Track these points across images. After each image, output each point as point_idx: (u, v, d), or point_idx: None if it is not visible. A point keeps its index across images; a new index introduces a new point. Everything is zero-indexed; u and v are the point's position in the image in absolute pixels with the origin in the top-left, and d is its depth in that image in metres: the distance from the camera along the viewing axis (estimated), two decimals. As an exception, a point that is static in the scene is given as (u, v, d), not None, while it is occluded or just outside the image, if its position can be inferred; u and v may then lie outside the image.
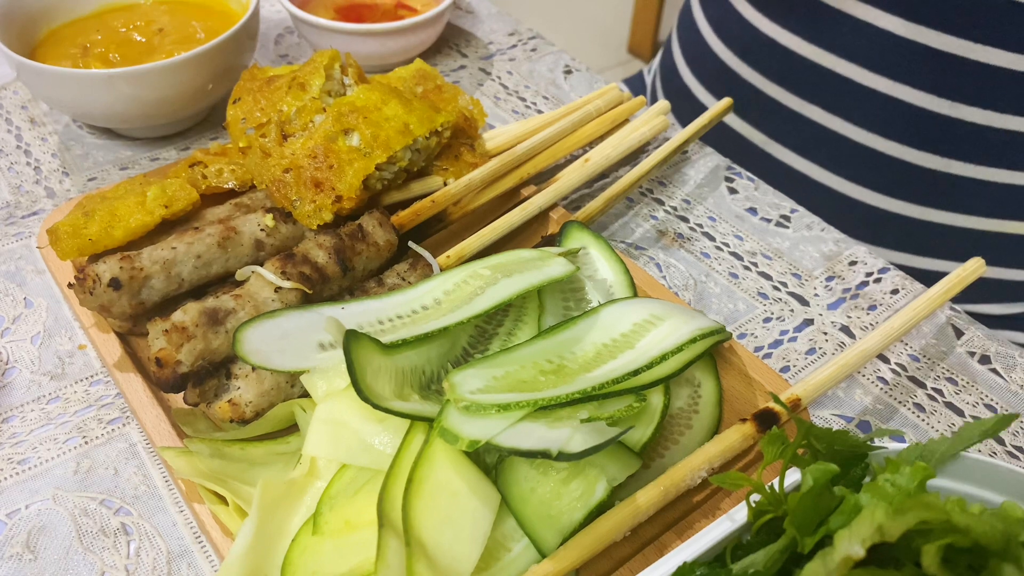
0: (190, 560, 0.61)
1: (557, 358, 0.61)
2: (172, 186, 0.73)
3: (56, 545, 0.62)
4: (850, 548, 0.38)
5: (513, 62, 1.14)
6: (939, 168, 0.98)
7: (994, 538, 0.38)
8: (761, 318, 0.81)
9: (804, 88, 1.04)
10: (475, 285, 0.67)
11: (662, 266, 0.86)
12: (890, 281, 0.84)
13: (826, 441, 0.48)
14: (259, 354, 0.60)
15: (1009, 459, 0.70)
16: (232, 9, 1.00)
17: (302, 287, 0.66)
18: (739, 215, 0.92)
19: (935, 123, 0.96)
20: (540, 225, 0.83)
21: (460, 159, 0.82)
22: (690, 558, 0.47)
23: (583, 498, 0.55)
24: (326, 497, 0.55)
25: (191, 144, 0.98)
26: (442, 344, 0.63)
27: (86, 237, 0.68)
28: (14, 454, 0.67)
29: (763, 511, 0.47)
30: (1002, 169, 0.97)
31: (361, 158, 0.73)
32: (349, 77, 0.80)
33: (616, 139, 0.91)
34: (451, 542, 0.52)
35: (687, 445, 0.63)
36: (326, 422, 0.57)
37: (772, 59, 1.06)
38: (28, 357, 0.74)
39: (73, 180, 0.93)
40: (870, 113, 0.99)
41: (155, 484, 0.66)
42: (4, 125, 1.00)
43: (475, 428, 0.52)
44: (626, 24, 3.11)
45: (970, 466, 0.48)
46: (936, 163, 0.98)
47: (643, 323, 0.65)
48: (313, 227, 0.72)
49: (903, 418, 0.73)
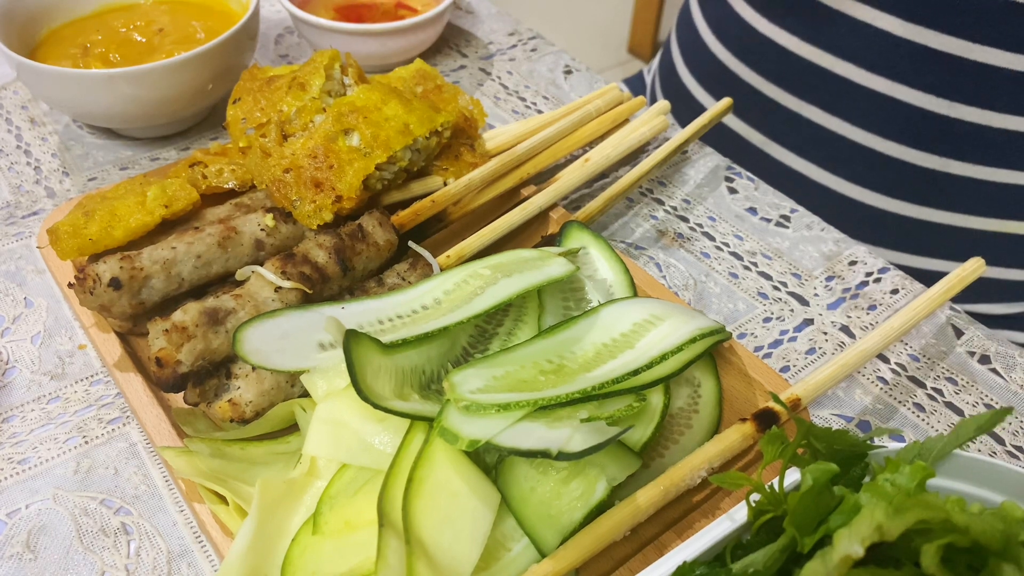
0: (190, 560, 0.61)
1: (557, 358, 0.61)
2: (172, 186, 0.73)
3: (56, 545, 0.62)
4: (850, 547, 0.38)
5: (513, 62, 1.14)
6: (938, 168, 0.98)
7: (993, 538, 0.38)
8: (761, 318, 0.81)
9: (802, 88, 1.04)
10: (475, 285, 0.67)
11: (662, 266, 0.86)
12: (890, 281, 0.84)
13: (826, 441, 0.48)
14: (259, 354, 0.60)
15: (1009, 459, 0.70)
16: (232, 9, 1.00)
17: (302, 287, 0.66)
18: (739, 215, 0.92)
19: (934, 123, 0.96)
20: (540, 225, 0.83)
21: (460, 159, 0.82)
22: (690, 558, 0.47)
23: (583, 498, 0.55)
24: (326, 497, 0.55)
25: (191, 144, 0.98)
26: (442, 344, 0.63)
27: (86, 237, 0.68)
28: (14, 454, 0.67)
29: (763, 511, 0.47)
30: (1001, 168, 0.97)
31: (361, 158, 0.73)
32: (349, 77, 0.80)
33: (616, 139, 0.91)
34: (451, 542, 0.52)
35: (687, 445, 0.63)
36: (326, 422, 0.57)
37: (770, 59, 1.06)
38: (28, 357, 0.74)
39: (73, 180, 0.93)
40: (869, 113, 0.99)
41: (155, 484, 0.66)
42: (4, 125, 1.00)
43: (475, 428, 0.53)
44: (626, 24, 3.11)
45: (970, 466, 0.48)
46: (935, 163, 0.98)
47: (643, 323, 0.65)
48: (313, 227, 0.72)
49: (903, 418, 0.73)
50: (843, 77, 0.99)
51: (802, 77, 1.03)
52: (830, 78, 1.00)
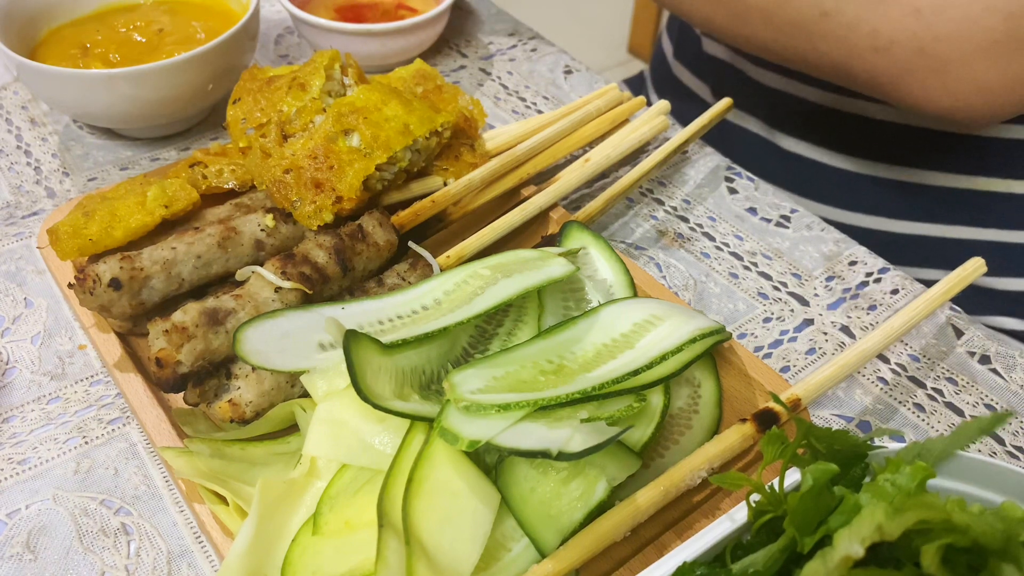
0: (190, 560, 0.61)
1: (557, 358, 0.61)
2: (172, 186, 0.73)
3: (56, 545, 0.62)
4: (850, 548, 0.38)
5: (513, 62, 1.14)
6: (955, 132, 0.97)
7: (994, 538, 0.38)
8: (761, 318, 0.81)
9: (799, 74, 1.03)
10: (475, 285, 0.67)
11: (662, 266, 0.86)
12: (890, 281, 0.84)
13: (826, 441, 0.48)
14: (259, 354, 0.60)
15: (1009, 459, 0.70)
16: (232, 9, 1.00)
17: (302, 287, 0.66)
18: (739, 215, 0.92)
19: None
20: (540, 225, 0.83)
21: (460, 159, 0.82)
22: (690, 558, 0.47)
23: (583, 498, 0.55)
24: (326, 497, 0.55)
25: (191, 144, 0.98)
26: (442, 344, 0.63)
27: (86, 237, 0.68)
28: (14, 454, 0.67)
29: (763, 511, 0.47)
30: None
31: (361, 159, 0.73)
32: (349, 77, 0.80)
33: (616, 139, 0.91)
34: (451, 542, 0.52)
35: (687, 445, 0.63)
36: (326, 422, 0.57)
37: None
38: (28, 357, 0.74)
39: (73, 180, 0.93)
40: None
41: (155, 484, 0.66)
42: (4, 125, 1.00)
43: (475, 428, 0.53)
44: (626, 24, 3.11)
45: (970, 466, 0.48)
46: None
47: (643, 323, 0.65)
48: (313, 228, 0.72)
49: (903, 418, 0.73)
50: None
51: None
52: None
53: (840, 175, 1.05)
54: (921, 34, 0.79)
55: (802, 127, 1.07)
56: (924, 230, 1.03)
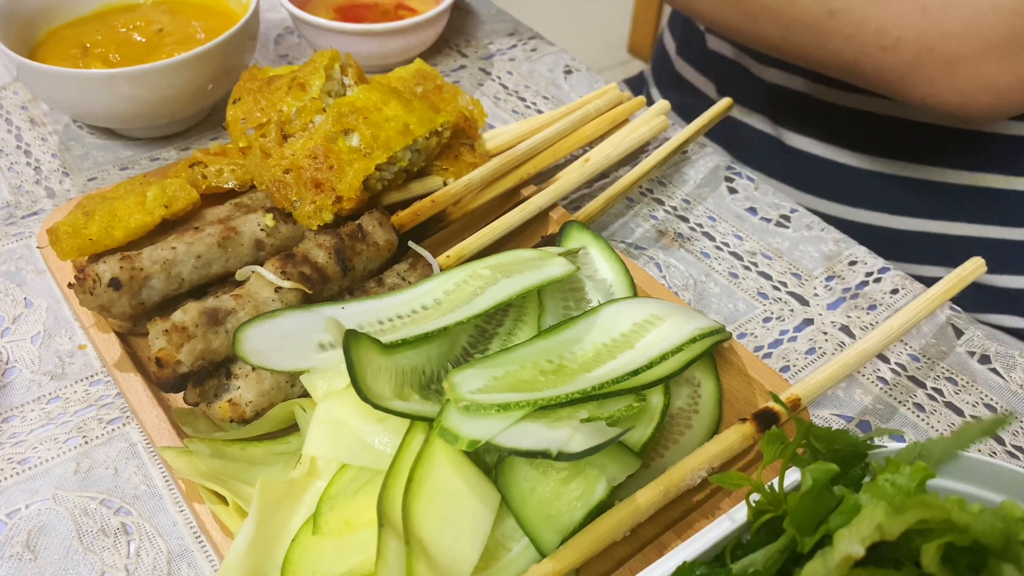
0: (190, 560, 0.61)
1: (557, 358, 0.61)
2: (172, 186, 0.73)
3: (56, 545, 0.62)
4: (850, 547, 0.38)
5: (513, 62, 1.14)
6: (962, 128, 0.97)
7: (994, 537, 0.38)
8: (761, 318, 0.81)
9: (802, 69, 1.03)
10: (475, 285, 0.67)
11: (662, 266, 0.86)
12: (890, 281, 0.84)
13: (826, 441, 0.48)
14: (259, 354, 0.60)
15: (1009, 459, 0.70)
16: (232, 9, 1.00)
17: (302, 287, 0.66)
18: (739, 215, 0.92)
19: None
20: (540, 225, 0.83)
21: (460, 159, 0.82)
22: (690, 558, 0.47)
23: (583, 498, 0.55)
24: (326, 497, 0.55)
25: (191, 144, 0.98)
26: (442, 344, 0.63)
27: (86, 237, 0.68)
28: (14, 454, 0.67)
29: (763, 511, 0.47)
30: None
31: (361, 158, 0.73)
32: (349, 77, 0.80)
33: (616, 139, 0.91)
34: (451, 542, 0.52)
35: (687, 445, 0.63)
36: (326, 422, 0.57)
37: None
38: (28, 357, 0.74)
39: (73, 180, 0.93)
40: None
41: (155, 484, 0.66)
42: (4, 125, 1.00)
43: (475, 428, 0.53)
44: (626, 24, 3.11)
45: (970, 466, 0.48)
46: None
47: (643, 323, 0.65)
48: (313, 228, 0.72)
49: (903, 418, 0.73)
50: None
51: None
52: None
53: (843, 171, 1.05)
54: (929, 31, 0.79)
55: (806, 123, 1.07)
56: (926, 226, 1.03)
